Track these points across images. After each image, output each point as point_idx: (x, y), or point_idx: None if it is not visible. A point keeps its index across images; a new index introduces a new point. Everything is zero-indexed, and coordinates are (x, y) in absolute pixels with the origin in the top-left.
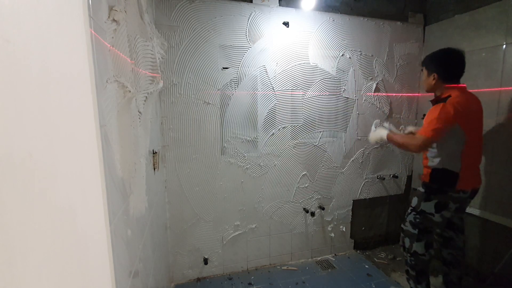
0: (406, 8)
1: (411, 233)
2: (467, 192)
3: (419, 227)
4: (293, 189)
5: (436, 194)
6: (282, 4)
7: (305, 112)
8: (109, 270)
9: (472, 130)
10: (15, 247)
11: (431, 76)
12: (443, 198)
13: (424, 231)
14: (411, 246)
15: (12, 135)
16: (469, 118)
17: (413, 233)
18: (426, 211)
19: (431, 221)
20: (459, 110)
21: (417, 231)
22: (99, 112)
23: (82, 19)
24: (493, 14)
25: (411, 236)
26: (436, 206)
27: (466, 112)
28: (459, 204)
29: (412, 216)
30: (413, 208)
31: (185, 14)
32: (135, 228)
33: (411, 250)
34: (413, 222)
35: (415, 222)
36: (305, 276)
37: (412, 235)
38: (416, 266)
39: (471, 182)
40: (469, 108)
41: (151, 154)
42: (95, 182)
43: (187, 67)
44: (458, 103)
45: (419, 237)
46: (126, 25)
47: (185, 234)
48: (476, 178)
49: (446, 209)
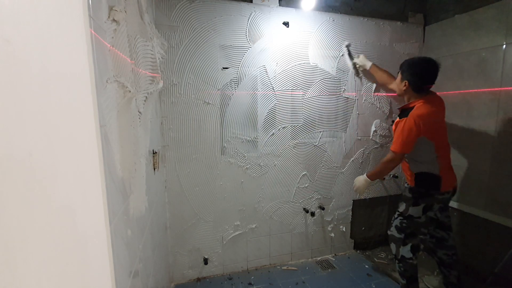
0: (406, 8)
1: (396, 238)
2: (450, 192)
3: (405, 231)
4: (293, 189)
5: (423, 198)
6: (282, 4)
7: (305, 112)
8: (109, 270)
9: (438, 136)
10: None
11: (403, 83)
12: (430, 200)
13: (409, 235)
14: (398, 251)
15: (12, 135)
16: (432, 127)
17: (399, 238)
18: (414, 215)
19: (417, 224)
20: (420, 125)
21: (403, 235)
22: (99, 112)
23: (82, 19)
24: (493, 14)
25: (397, 241)
26: (424, 210)
27: (428, 124)
28: (443, 203)
29: (399, 220)
30: (400, 213)
31: (185, 14)
32: (135, 228)
33: (398, 255)
34: (399, 227)
35: (401, 227)
36: (305, 276)
37: (398, 239)
38: (405, 273)
39: (451, 182)
40: (430, 119)
41: (151, 154)
42: (95, 182)
43: (187, 67)
44: (419, 117)
45: (405, 241)
46: (126, 25)
47: (185, 234)
48: (453, 176)
49: (431, 209)
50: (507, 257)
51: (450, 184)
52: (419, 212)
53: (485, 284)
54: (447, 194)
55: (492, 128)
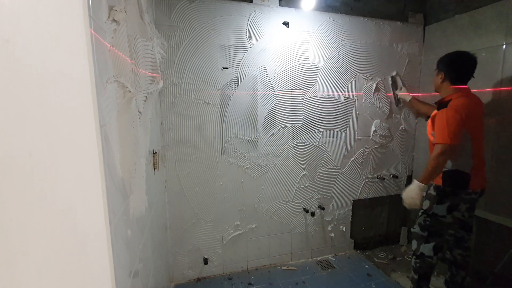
0: (406, 8)
1: (419, 235)
2: (478, 193)
3: (429, 229)
4: (293, 189)
5: (448, 197)
6: (282, 4)
7: (305, 112)
8: (109, 270)
9: (476, 132)
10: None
11: (439, 75)
12: (456, 200)
13: (433, 234)
14: (418, 248)
15: (12, 135)
16: (472, 120)
17: (422, 235)
18: (438, 214)
19: (442, 223)
20: (463, 114)
21: (427, 233)
22: (99, 112)
23: (82, 19)
24: (493, 14)
25: (419, 238)
26: (448, 209)
27: (469, 115)
28: (470, 204)
29: (422, 218)
30: (424, 211)
31: (185, 14)
32: (135, 228)
33: (418, 252)
34: (422, 224)
35: (425, 224)
36: (305, 276)
37: (421, 237)
38: (419, 269)
39: (480, 182)
40: (470, 111)
41: (151, 154)
42: (95, 182)
43: (187, 67)
44: (459, 107)
45: (428, 239)
46: (126, 25)
47: (185, 234)
48: (484, 178)
49: (457, 210)
50: (507, 257)
51: (479, 184)
52: (444, 210)
53: (485, 284)
54: (475, 195)
55: (492, 128)
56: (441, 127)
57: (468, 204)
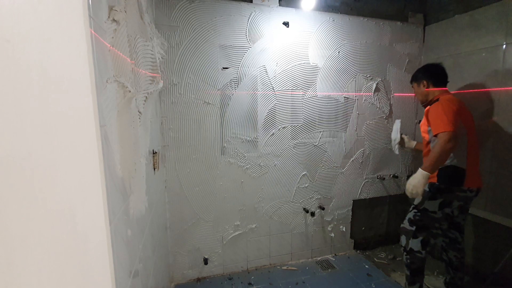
0: (406, 8)
1: (407, 230)
2: (473, 191)
3: (417, 224)
4: (293, 189)
5: (442, 194)
6: (282, 4)
7: (305, 112)
8: (109, 270)
9: (469, 126)
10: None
11: (421, 84)
12: (449, 196)
13: (421, 228)
14: (407, 244)
15: (12, 135)
16: (465, 113)
17: (410, 230)
18: (429, 209)
19: (431, 218)
20: (455, 104)
21: (415, 228)
22: (99, 112)
23: (82, 19)
24: (493, 14)
25: (407, 233)
26: (441, 205)
27: (460, 109)
28: (463, 202)
29: (412, 213)
30: (415, 206)
31: (185, 14)
32: (135, 228)
33: (407, 247)
34: (412, 219)
35: (414, 219)
36: (305, 276)
37: (409, 232)
38: (411, 265)
39: (476, 180)
40: (461, 105)
41: (151, 154)
42: (95, 182)
43: (187, 67)
44: (451, 99)
45: (416, 234)
46: (126, 25)
47: (185, 234)
48: (479, 177)
49: (449, 207)
50: (507, 257)
51: (475, 182)
52: (435, 207)
53: (485, 284)
54: (470, 193)
55: (492, 128)
56: (439, 117)
57: (462, 202)
